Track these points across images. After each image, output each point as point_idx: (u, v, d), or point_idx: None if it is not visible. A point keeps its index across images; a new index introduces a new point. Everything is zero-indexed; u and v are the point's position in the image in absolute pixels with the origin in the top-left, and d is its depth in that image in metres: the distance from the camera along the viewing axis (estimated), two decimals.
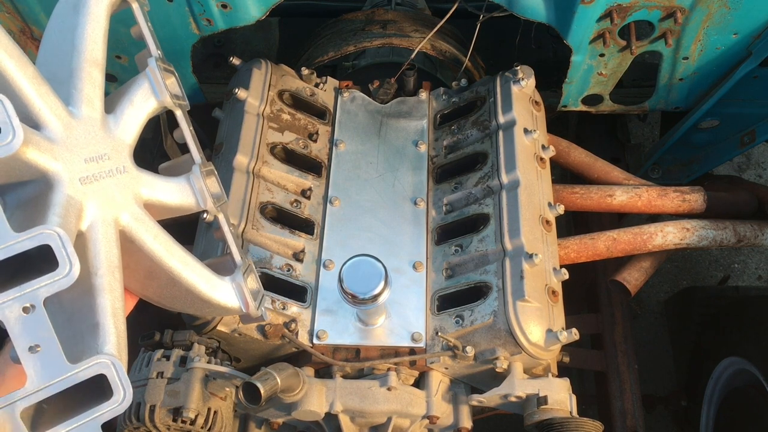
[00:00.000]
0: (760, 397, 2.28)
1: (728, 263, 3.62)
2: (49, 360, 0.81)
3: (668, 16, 1.93)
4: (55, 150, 0.95)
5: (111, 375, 0.85)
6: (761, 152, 3.91)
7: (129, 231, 1.04)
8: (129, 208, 1.04)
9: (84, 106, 1.03)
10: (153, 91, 1.16)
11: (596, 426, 1.66)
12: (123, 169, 1.06)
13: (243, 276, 1.23)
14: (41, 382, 0.80)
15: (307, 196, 2.02)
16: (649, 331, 3.39)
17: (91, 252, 0.96)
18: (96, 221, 0.98)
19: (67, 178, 0.95)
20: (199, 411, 1.57)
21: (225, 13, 1.98)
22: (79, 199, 0.95)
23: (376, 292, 1.62)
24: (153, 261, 1.07)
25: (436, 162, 2.13)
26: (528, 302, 1.71)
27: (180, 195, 1.18)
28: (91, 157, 1.00)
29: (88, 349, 0.90)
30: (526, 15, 1.98)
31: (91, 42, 1.08)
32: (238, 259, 1.28)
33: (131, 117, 1.12)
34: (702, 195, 2.26)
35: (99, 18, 1.10)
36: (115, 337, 0.92)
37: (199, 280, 1.14)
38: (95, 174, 1.00)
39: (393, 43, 2.31)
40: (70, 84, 1.04)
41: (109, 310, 0.93)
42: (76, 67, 1.05)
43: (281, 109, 2.13)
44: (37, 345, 0.80)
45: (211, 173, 1.25)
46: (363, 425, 1.76)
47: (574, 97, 2.30)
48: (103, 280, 0.95)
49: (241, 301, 1.22)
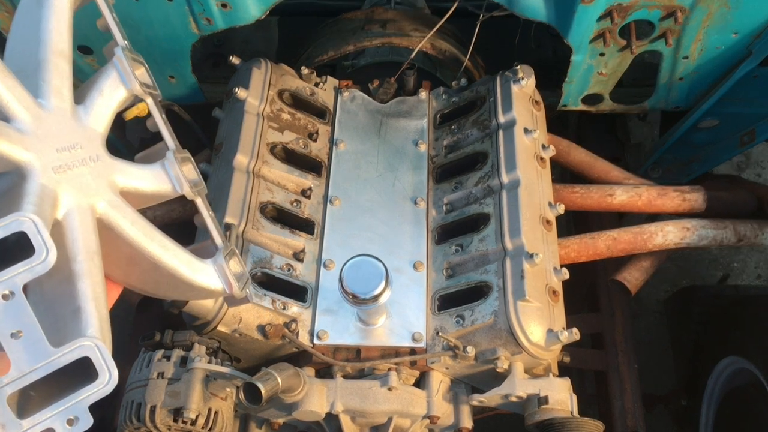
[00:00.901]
0: (760, 396, 2.28)
1: (728, 262, 3.62)
2: (32, 345, 0.81)
3: (668, 16, 1.93)
4: (26, 141, 0.95)
5: (95, 357, 0.85)
6: (761, 151, 3.91)
7: (106, 218, 1.05)
8: (105, 195, 1.05)
9: (53, 98, 1.04)
10: (122, 80, 1.17)
11: (597, 425, 1.66)
12: (96, 157, 1.06)
13: (225, 258, 1.23)
14: (25, 368, 0.81)
15: (307, 195, 2.01)
16: (649, 331, 3.40)
17: (68, 239, 0.97)
18: (72, 209, 0.99)
19: (39, 168, 0.95)
20: (200, 411, 1.57)
21: (225, 12, 1.98)
22: (53, 188, 0.96)
23: (376, 292, 1.62)
24: (132, 247, 1.08)
25: (436, 161, 2.13)
26: (529, 302, 1.71)
27: (155, 181, 1.19)
28: (63, 147, 1.01)
29: (71, 334, 0.90)
30: (527, 14, 1.98)
31: (56, 33, 1.09)
32: (219, 242, 1.29)
33: (101, 107, 1.13)
34: (702, 194, 2.26)
35: (63, 10, 1.12)
36: (97, 320, 0.92)
37: (180, 263, 1.15)
38: (68, 163, 1.01)
39: (393, 42, 2.31)
40: (37, 76, 1.04)
41: (90, 295, 0.94)
42: (43, 59, 1.06)
43: (281, 109, 2.13)
44: (19, 330, 0.80)
45: (187, 160, 1.25)
46: (364, 425, 1.76)
47: (574, 97, 2.30)
48: (83, 266, 0.95)
49: (224, 282, 1.23)
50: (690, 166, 2.62)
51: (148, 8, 1.97)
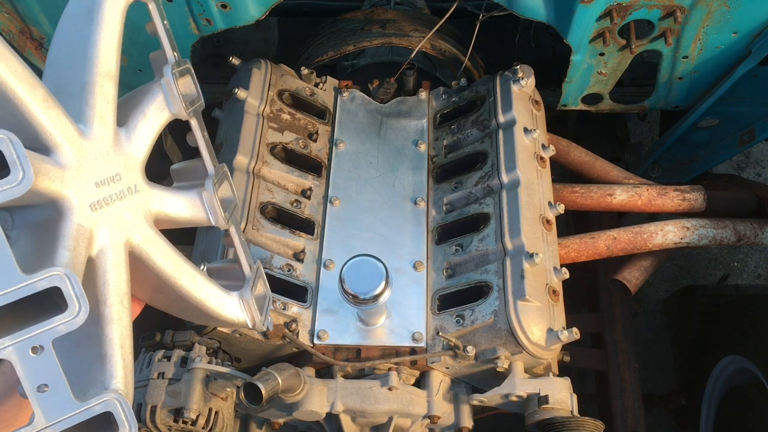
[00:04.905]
0: (760, 396, 2.28)
1: (728, 262, 3.62)
2: (57, 399, 0.81)
3: (668, 15, 1.93)
4: (66, 176, 0.91)
5: (117, 412, 0.85)
6: (760, 151, 3.91)
7: (139, 252, 1.02)
8: (140, 229, 1.02)
9: (96, 124, 0.99)
10: (167, 103, 1.11)
11: (597, 425, 1.66)
12: (134, 188, 1.02)
13: (251, 290, 1.22)
14: (48, 421, 0.81)
15: (307, 196, 2.01)
16: (649, 330, 3.39)
17: (100, 279, 0.94)
18: (106, 246, 0.96)
19: (77, 206, 0.92)
20: (200, 411, 1.57)
21: (224, 13, 1.98)
22: (90, 227, 0.93)
23: (377, 292, 1.62)
24: (161, 280, 1.07)
25: (436, 161, 2.13)
26: (529, 302, 1.72)
27: (190, 210, 1.16)
28: (103, 180, 0.97)
29: (94, 382, 0.90)
30: (526, 14, 1.98)
31: (106, 53, 1.03)
32: (247, 271, 1.26)
33: (144, 131, 1.08)
34: (702, 194, 2.26)
35: (114, 25, 1.05)
36: (122, 370, 0.91)
37: (207, 297, 1.13)
38: (106, 198, 0.97)
39: (392, 42, 2.31)
40: (81, 99, 0.99)
41: (117, 342, 0.93)
42: (89, 81, 1.00)
43: (281, 109, 2.13)
44: (45, 385, 0.80)
45: (224, 178, 1.21)
46: (364, 425, 1.76)
47: (573, 96, 2.30)
48: (112, 310, 0.93)
49: (248, 317, 1.21)
50: (690, 166, 2.62)
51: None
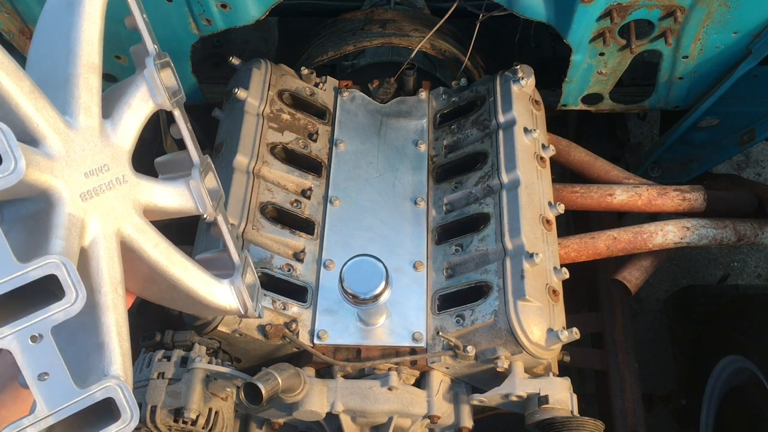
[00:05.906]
0: (760, 396, 2.28)
1: (728, 262, 3.62)
2: (58, 387, 0.81)
3: (668, 15, 1.93)
4: (55, 167, 0.92)
5: (118, 398, 0.86)
6: (760, 150, 3.91)
7: (130, 241, 1.03)
8: (130, 219, 1.03)
9: (81, 116, 1.00)
10: (151, 94, 1.12)
11: (597, 425, 1.66)
12: (123, 178, 1.03)
13: (241, 277, 1.23)
14: (50, 409, 0.81)
15: (307, 196, 2.01)
16: (649, 330, 3.40)
17: (93, 269, 0.95)
18: (98, 236, 0.97)
19: (67, 196, 0.93)
20: (200, 411, 1.57)
21: (224, 13, 1.98)
22: (81, 216, 0.94)
23: (377, 292, 1.62)
24: (153, 269, 1.07)
25: (436, 161, 2.13)
26: (529, 301, 1.72)
27: (179, 200, 1.17)
28: (91, 170, 0.98)
29: (93, 369, 0.90)
30: (526, 14, 1.98)
31: (89, 45, 1.03)
32: (236, 259, 1.28)
33: (129, 122, 1.09)
34: (702, 194, 2.26)
35: (96, 17, 1.05)
36: (120, 356, 0.92)
37: (199, 285, 1.14)
38: (96, 188, 0.98)
39: (392, 42, 2.31)
40: (66, 91, 1.00)
41: (113, 329, 0.93)
42: (73, 73, 1.01)
43: (281, 109, 2.13)
44: (46, 373, 0.80)
45: (209, 169, 1.23)
46: (364, 425, 1.76)
47: (573, 96, 2.30)
48: (107, 298, 0.94)
49: (240, 303, 1.22)
50: (690, 166, 2.62)
51: (147, 9, 1.94)
